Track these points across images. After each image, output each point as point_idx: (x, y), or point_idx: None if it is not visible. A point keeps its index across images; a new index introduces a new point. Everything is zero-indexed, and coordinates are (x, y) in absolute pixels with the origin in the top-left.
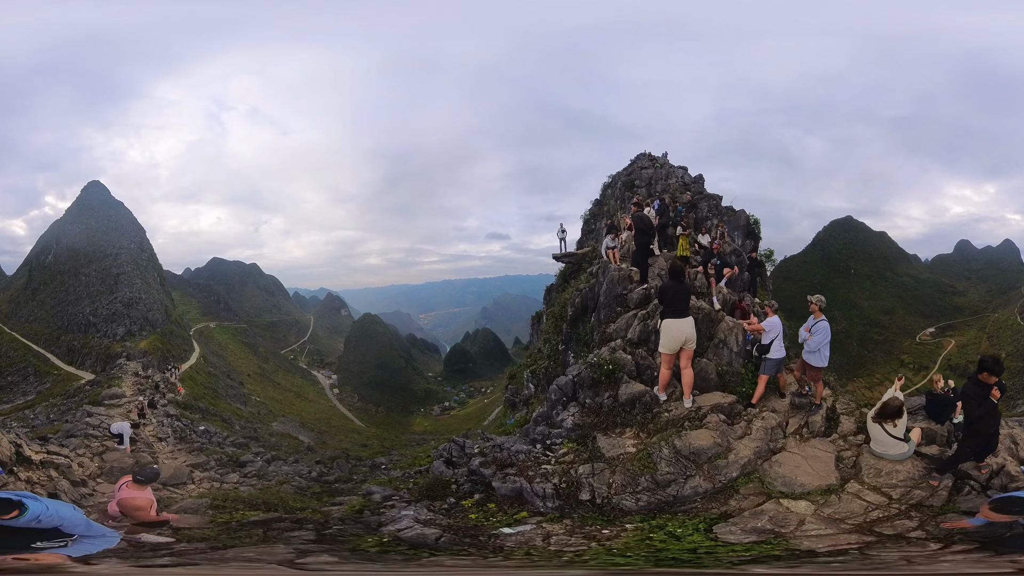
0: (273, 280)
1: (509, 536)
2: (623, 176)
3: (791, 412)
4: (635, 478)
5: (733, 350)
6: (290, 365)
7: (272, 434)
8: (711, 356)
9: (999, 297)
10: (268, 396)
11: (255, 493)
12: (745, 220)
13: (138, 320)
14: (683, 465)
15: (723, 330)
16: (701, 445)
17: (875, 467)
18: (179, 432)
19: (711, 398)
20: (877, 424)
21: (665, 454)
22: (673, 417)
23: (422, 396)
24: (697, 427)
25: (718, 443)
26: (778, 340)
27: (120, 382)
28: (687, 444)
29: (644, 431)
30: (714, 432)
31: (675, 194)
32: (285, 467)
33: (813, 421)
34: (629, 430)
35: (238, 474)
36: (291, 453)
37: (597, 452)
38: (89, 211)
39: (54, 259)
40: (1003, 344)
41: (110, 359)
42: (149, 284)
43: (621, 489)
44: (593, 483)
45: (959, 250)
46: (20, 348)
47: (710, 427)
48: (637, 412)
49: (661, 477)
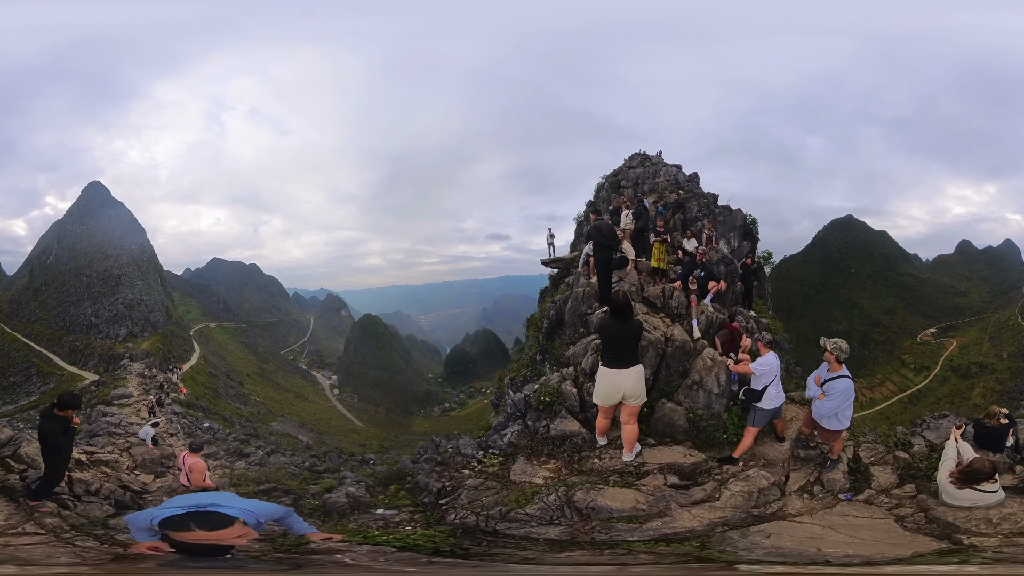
0: (273, 280)
1: (376, 514)
2: (611, 176)
3: (792, 464)
4: (499, 505)
5: (712, 392)
6: (290, 365)
7: (271, 433)
8: (682, 398)
9: (1000, 297)
10: (268, 396)
11: (259, 474)
12: (742, 220)
13: (140, 321)
14: (561, 513)
15: (700, 368)
16: (609, 505)
17: (973, 518)
18: (187, 428)
19: (667, 454)
20: (966, 489)
21: (550, 500)
22: (603, 467)
23: (422, 397)
24: (625, 484)
25: (641, 509)
26: (774, 385)
27: (125, 382)
28: (590, 498)
29: (568, 469)
30: (645, 496)
31: (663, 193)
32: (283, 458)
33: (831, 479)
34: (553, 462)
35: (244, 462)
36: (289, 449)
37: (505, 473)
38: (90, 212)
39: (55, 260)
40: (1005, 344)
41: (113, 360)
42: (150, 285)
43: (479, 508)
44: (466, 495)
45: (960, 250)
46: (22, 348)
47: (644, 489)
48: (566, 449)
49: (518, 514)
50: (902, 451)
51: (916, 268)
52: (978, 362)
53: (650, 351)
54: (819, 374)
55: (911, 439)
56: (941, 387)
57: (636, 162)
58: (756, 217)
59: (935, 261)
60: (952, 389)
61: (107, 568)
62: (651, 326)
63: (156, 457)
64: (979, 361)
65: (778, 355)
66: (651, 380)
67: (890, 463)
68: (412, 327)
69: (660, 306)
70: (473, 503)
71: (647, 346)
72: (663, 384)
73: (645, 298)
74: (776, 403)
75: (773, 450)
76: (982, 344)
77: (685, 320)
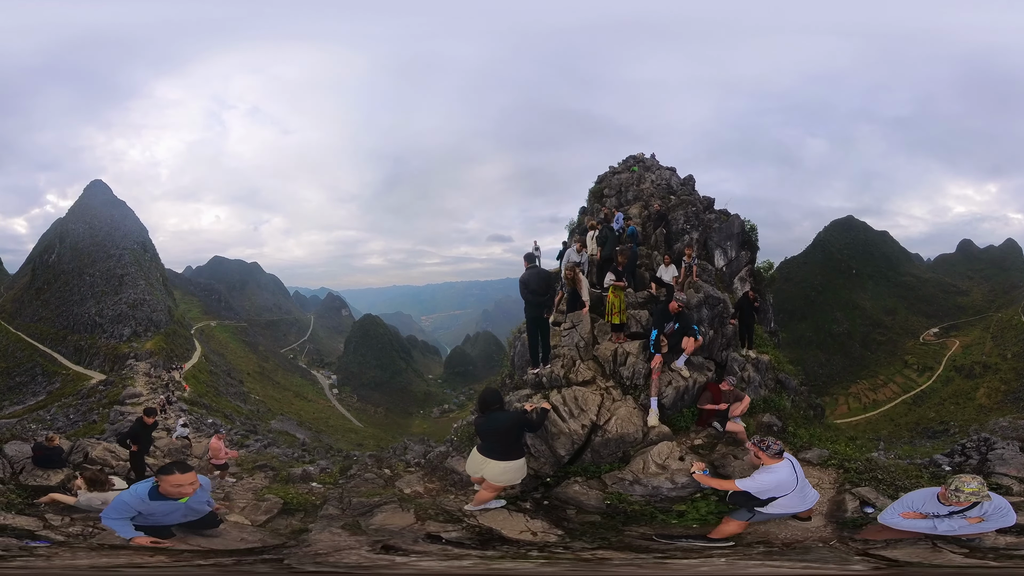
0: (274, 279)
1: (310, 485)
2: (596, 184)
3: (861, 547)
4: (357, 493)
5: (661, 488)
6: (290, 364)
7: (270, 431)
8: (609, 483)
9: (1002, 296)
10: (267, 395)
11: (257, 457)
12: (740, 227)
13: (143, 321)
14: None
15: (639, 470)
16: (391, 523)
17: None
18: (194, 424)
19: (515, 524)
20: None
21: (374, 500)
22: (450, 505)
23: (421, 398)
24: (420, 517)
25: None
26: (795, 495)
27: (133, 382)
28: (381, 511)
29: (434, 494)
30: (417, 530)
31: (648, 202)
32: (277, 449)
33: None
34: (437, 484)
35: (245, 450)
36: (284, 444)
37: (395, 479)
38: (92, 210)
39: (58, 258)
40: (1007, 344)
41: (118, 360)
42: (152, 285)
43: (349, 491)
44: (354, 482)
45: (961, 249)
46: (26, 348)
47: (415, 528)
48: (448, 480)
49: (356, 500)
50: (1010, 496)
51: (917, 268)
52: (981, 362)
53: (562, 439)
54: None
55: (998, 481)
56: (945, 388)
57: (625, 166)
58: (755, 223)
59: (936, 261)
60: (956, 390)
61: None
62: (575, 409)
63: (178, 447)
64: (982, 361)
65: (784, 403)
66: (567, 459)
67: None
68: (413, 328)
69: (609, 372)
70: (353, 488)
71: (557, 434)
72: (588, 463)
73: (595, 357)
74: (801, 508)
75: (788, 529)
76: (985, 343)
77: (643, 392)
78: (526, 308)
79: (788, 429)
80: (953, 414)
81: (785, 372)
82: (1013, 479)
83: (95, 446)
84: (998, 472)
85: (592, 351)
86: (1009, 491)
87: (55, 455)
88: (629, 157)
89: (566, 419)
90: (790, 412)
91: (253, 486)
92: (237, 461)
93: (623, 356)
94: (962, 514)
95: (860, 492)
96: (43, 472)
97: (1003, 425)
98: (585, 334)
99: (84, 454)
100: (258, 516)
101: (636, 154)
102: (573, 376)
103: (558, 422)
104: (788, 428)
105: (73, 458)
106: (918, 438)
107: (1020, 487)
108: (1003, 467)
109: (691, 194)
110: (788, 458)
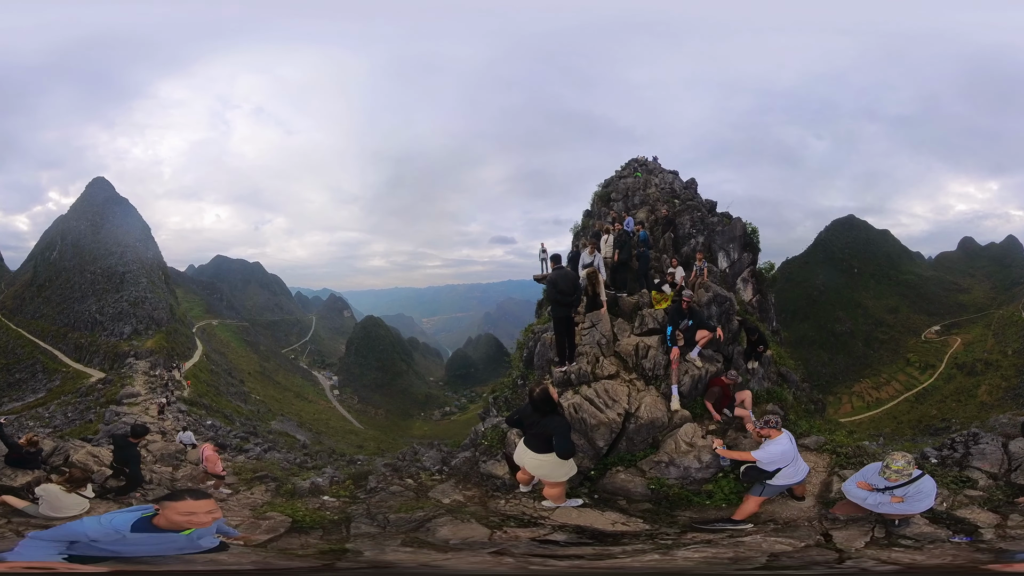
0: (276, 279)
1: (322, 500)
2: (602, 188)
3: (829, 524)
4: (389, 508)
5: (691, 468)
6: (291, 365)
7: (270, 432)
8: (647, 468)
9: (1004, 294)
10: (268, 395)
11: (257, 465)
12: (741, 230)
13: (144, 319)
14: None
15: (671, 451)
16: (457, 534)
17: None
18: (192, 426)
19: (598, 518)
20: None
21: (418, 515)
22: (509, 511)
23: (423, 400)
24: (489, 525)
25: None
26: (792, 466)
27: (132, 381)
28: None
29: (482, 501)
30: (498, 542)
31: (655, 207)
32: (277, 454)
33: (920, 535)
34: (475, 491)
35: (244, 456)
36: (285, 447)
37: (425, 489)
38: (94, 207)
39: (59, 255)
40: (1008, 340)
41: (118, 358)
42: (154, 283)
43: (376, 505)
44: (380, 497)
45: (963, 247)
46: (27, 345)
47: (502, 537)
48: (488, 487)
49: (393, 516)
50: (971, 490)
51: (919, 266)
52: (983, 359)
53: (601, 429)
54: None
55: (968, 474)
56: (947, 385)
57: (629, 170)
58: (757, 225)
59: (938, 259)
60: (958, 387)
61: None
62: (608, 400)
63: (171, 452)
64: (984, 358)
65: (786, 395)
66: (605, 450)
67: (967, 503)
68: (415, 330)
69: (632, 365)
70: (380, 503)
71: (597, 425)
72: (623, 452)
73: (617, 352)
74: (797, 479)
75: (788, 509)
76: (986, 340)
77: (664, 382)
78: (553, 308)
79: (789, 418)
80: (955, 411)
81: (787, 367)
82: (983, 473)
83: (79, 449)
84: (973, 465)
85: (613, 347)
86: (975, 484)
87: (31, 458)
88: (632, 160)
89: (603, 409)
90: (792, 404)
91: (252, 501)
92: (235, 470)
93: (645, 349)
94: (891, 491)
95: (845, 474)
96: (12, 472)
97: (1003, 421)
98: (606, 332)
99: (65, 457)
100: (257, 536)
101: (639, 157)
102: (599, 371)
103: (596, 413)
104: (789, 417)
105: (53, 460)
106: (920, 435)
107: (987, 481)
108: (980, 461)
109: (694, 198)
110: (786, 431)
